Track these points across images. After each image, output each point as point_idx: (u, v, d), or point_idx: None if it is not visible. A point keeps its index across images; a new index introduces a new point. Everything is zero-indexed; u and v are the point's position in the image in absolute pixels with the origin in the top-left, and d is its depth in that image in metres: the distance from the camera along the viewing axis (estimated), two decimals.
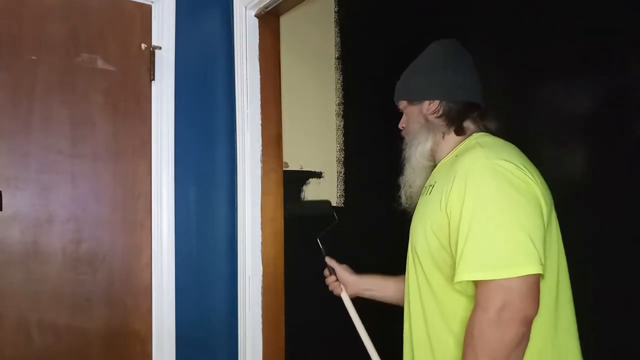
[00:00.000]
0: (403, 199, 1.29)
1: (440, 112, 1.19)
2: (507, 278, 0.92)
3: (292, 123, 2.01)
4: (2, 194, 1.48)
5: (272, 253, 1.86)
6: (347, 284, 1.51)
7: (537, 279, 0.94)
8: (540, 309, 0.95)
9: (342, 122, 2.20)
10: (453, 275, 1.00)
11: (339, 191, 2.17)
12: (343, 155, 2.19)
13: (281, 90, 1.94)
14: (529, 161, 1.11)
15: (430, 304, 1.10)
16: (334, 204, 2.15)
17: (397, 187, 1.30)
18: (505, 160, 1.02)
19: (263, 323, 1.82)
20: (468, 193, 0.99)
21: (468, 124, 1.20)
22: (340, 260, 1.61)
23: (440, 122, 1.20)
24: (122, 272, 1.67)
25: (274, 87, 1.92)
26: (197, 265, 1.78)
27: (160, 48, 1.74)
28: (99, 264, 1.63)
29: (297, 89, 2.05)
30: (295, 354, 1.91)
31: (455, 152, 1.17)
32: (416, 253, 1.15)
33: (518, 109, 1.90)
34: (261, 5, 1.82)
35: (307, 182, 2.08)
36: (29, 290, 1.51)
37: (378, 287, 1.48)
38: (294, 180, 2.03)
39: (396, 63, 2.37)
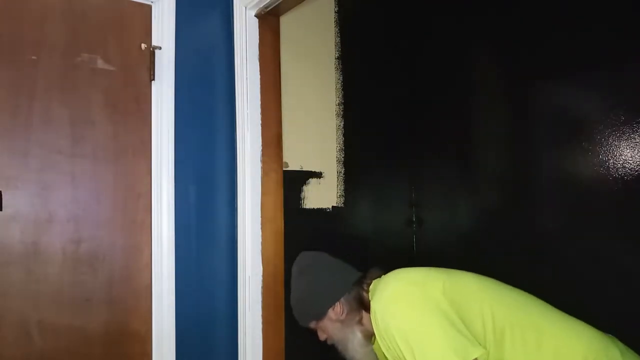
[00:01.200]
0: None
1: (346, 309, 1.39)
2: None
3: (292, 123, 2.01)
4: (2, 194, 1.48)
5: (272, 253, 1.86)
6: None
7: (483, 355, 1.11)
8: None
9: (342, 122, 2.20)
10: None
11: (339, 191, 2.17)
12: (343, 155, 2.19)
13: (281, 90, 1.94)
14: (418, 271, 1.32)
15: None
16: (334, 204, 2.15)
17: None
18: (390, 291, 1.24)
19: (263, 323, 1.82)
20: (390, 333, 1.19)
21: (365, 296, 1.37)
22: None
23: (351, 316, 1.38)
24: (122, 272, 1.67)
25: (274, 87, 1.92)
26: (197, 265, 1.78)
27: (160, 48, 1.74)
28: (99, 264, 1.62)
29: (297, 89, 2.05)
30: (295, 354, 1.91)
31: (374, 322, 1.31)
32: None
33: (518, 109, 1.90)
34: (261, 5, 1.82)
35: (307, 182, 2.07)
36: (29, 290, 1.51)
37: None
38: (294, 180, 2.03)
39: (396, 63, 2.37)
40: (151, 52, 1.73)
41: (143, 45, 1.73)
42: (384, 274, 1.39)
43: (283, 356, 1.88)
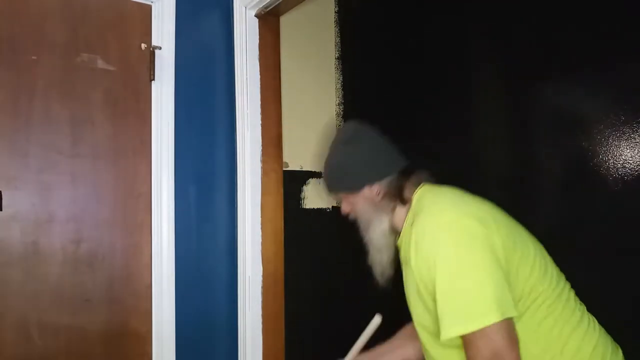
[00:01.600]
0: (379, 279, 1.35)
1: (383, 193, 1.27)
2: (488, 326, 0.98)
3: (292, 123, 2.01)
4: (2, 194, 1.48)
5: (272, 253, 1.86)
6: None
7: (510, 323, 1.01)
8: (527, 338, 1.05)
9: (342, 122, 2.20)
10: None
11: None
12: None
13: (281, 90, 1.94)
14: (468, 197, 1.20)
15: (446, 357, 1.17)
16: (334, 204, 2.15)
17: (369, 268, 1.35)
18: (450, 216, 1.11)
19: (263, 323, 1.82)
20: (433, 259, 1.07)
21: (408, 189, 1.27)
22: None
23: (386, 201, 1.28)
24: (122, 272, 1.67)
25: (274, 87, 1.92)
26: (197, 265, 1.78)
27: (160, 48, 1.74)
28: (99, 264, 1.62)
29: (297, 89, 2.05)
30: (295, 354, 1.91)
31: (409, 220, 1.24)
32: (421, 325, 1.22)
33: (518, 109, 1.90)
34: (261, 5, 1.82)
35: (307, 182, 2.07)
36: (29, 290, 1.51)
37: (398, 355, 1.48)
38: (294, 180, 2.03)
39: (396, 63, 2.37)
40: (151, 52, 1.73)
41: (143, 45, 1.73)
42: (433, 182, 1.28)
43: (283, 356, 1.88)
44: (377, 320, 1.45)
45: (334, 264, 2.09)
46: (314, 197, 2.08)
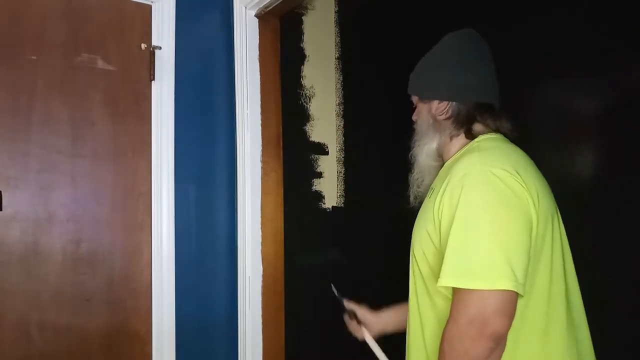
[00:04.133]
0: (411, 198, 1.25)
1: (449, 114, 1.14)
2: (478, 290, 0.91)
3: (292, 123, 2.01)
4: (2, 194, 1.48)
5: (272, 253, 1.86)
6: (369, 324, 1.40)
7: (511, 295, 0.92)
8: (527, 325, 0.95)
9: (342, 122, 2.20)
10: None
11: (339, 191, 2.17)
12: (343, 155, 2.19)
13: (281, 90, 1.94)
14: (529, 166, 1.08)
15: (427, 308, 1.09)
16: (334, 204, 2.15)
17: (406, 186, 1.25)
18: (500, 168, 0.99)
19: (263, 323, 1.82)
20: (457, 202, 0.98)
21: (478, 126, 1.14)
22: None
23: (448, 124, 1.15)
24: (122, 272, 1.67)
25: (274, 87, 1.92)
26: (197, 265, 1.78)
27: (160, 48, 1.74)
28: (99, 264, 1.62)
29: (297, 89, 2.05)
30: (295, 354, 1.91)
31: (458, 154, 1.13)
32: (415, 257, 1.14)
33: (518, 110, 1.90)
34: (261, 5, 1.82)
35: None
36: (29, 290, 1.51)
37: (399, 318, 1.38)
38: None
39: (396, 62, 2.37)
40: (151, 52, 1.73)
41: (143, 45, 1.73)
42: (511, 133, 1.16)
43: (283, 356, 1.88)
44: (366, 338, 1.38)
45: (335, 263, 2.09)
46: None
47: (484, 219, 0.95)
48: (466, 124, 1.14)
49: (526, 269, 0.94)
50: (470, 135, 1.13)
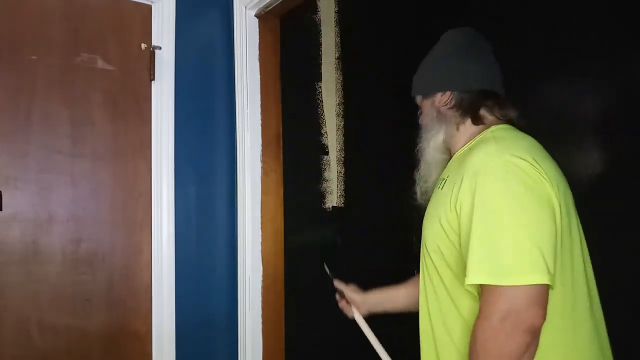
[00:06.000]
0: (418, 195, 1.23)
1: (452, 103, 1.13)
2: (512, 286, 0.88)
3: (292, 123, 2.01)
4: (2, 194, 1.48)
5: (272, 253, 1.86)
6: (357, 303, 1.42)
7: (544, 288, 0.89)
8: (554, 316, 0.92)
9: (342, 122, 2.19)
10: (462, 274, 0.97)
11: (339, 191, 2.17)
12: (343, 155, 2.19)
13: (281, 90, 1.95)
14: (547, 157, 1.06)
15: (446, 299, 1.07)
16: (334, 204, 2.15)
17: (412, 182, 1.24)
18: (519, 158, 0.96)
19: (263, 323, 1.82)
20: (478, 193, 0.95)
21: (485, 113, 1.13)
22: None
23: (453, 113, 1.14)
24: (122, 272, 1.67)
25: (274, 87, 1.92)
26: (197, 265, 1.78)
27: (160, 48, 1.74)
28: (99, 264, 1.62)
29: (297, 88, 2.05)
30: (295, 354, 1.91)
31: (470, 144, 1.10)
32: (427, 249, 1.12)
33: (518, 110, 1.90)
34: (261, 5, 1.82)
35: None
36: (29, 290, 1.51)
37: (387, 299, 1.42)
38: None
39: (396, 63, 2.37)
40: (151, 52, 1.73)
41: (143, 45, 1.73)
42: (518, 121, 1.15)
43: (283, 356, 1.88)
44: (355, 316, 1.41)
45: (335, 263, 2.09)
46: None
47: (510, 209, 0.92)
48: (470, 112, 1.12)
49: (554, 259, 0.92)
50: (480, 122, 1.12)
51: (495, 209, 0.93)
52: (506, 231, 0.91)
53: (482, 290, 0.93)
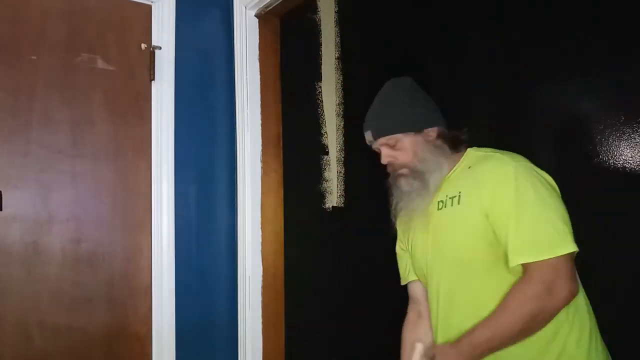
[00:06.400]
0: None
1: (442, 136, 1.31)
2: (556, 257, 1.06)
3: (291, 123, 2.01)
4: (2, 194, 1.48)
5: (272, 253, 1.86)
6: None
7: (573, 256, 1.10)
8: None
9: (342, 122, 2.19)
10: (499, 262, 1.13)
11: (339, 191, 2.17)
12: (343, 155, 2.19)
13: (281, 90, 1.94)
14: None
15: (484, 291, 1.17)
16: (334, 204, 2.14)
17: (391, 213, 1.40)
18: (526, 162, 1.20)
19: (263, 323, 1.82)
20: (517, 190, 1.14)
21: (462, 139, 1.33)
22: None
23: (445, 145, 1.31)
24: (122, 272, 1.67)
25: (274, 87, 1.92)
26: (197, 265, 1.78)
27: (160, 48, 1.74)
28: (99, 264, 1.62)
29: (297, 88, 2.05)
30: (295, 354, 1.91)
31: (462, 165, 1.29)
32: (460, 262, 1.22)
33: (518, 110, 1.90)
34: (261, 5, 1.82)
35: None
36: (29, 290, 1.51)
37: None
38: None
39: (396, 63, 2.37)
40: (151, 52, 1.73)
41: (143, 45, 1.73)
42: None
43: (283, 356, 1.88)
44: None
45: (335, 264, 2.09)
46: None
47: (541, 198, 1.13)
48: (454, 141, 1.32)
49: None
50: (459, 148, 1.33)
51: (531, 201, 1.13)
52: (540, 215, 1.12)
53: (528, 265, 1.09)
